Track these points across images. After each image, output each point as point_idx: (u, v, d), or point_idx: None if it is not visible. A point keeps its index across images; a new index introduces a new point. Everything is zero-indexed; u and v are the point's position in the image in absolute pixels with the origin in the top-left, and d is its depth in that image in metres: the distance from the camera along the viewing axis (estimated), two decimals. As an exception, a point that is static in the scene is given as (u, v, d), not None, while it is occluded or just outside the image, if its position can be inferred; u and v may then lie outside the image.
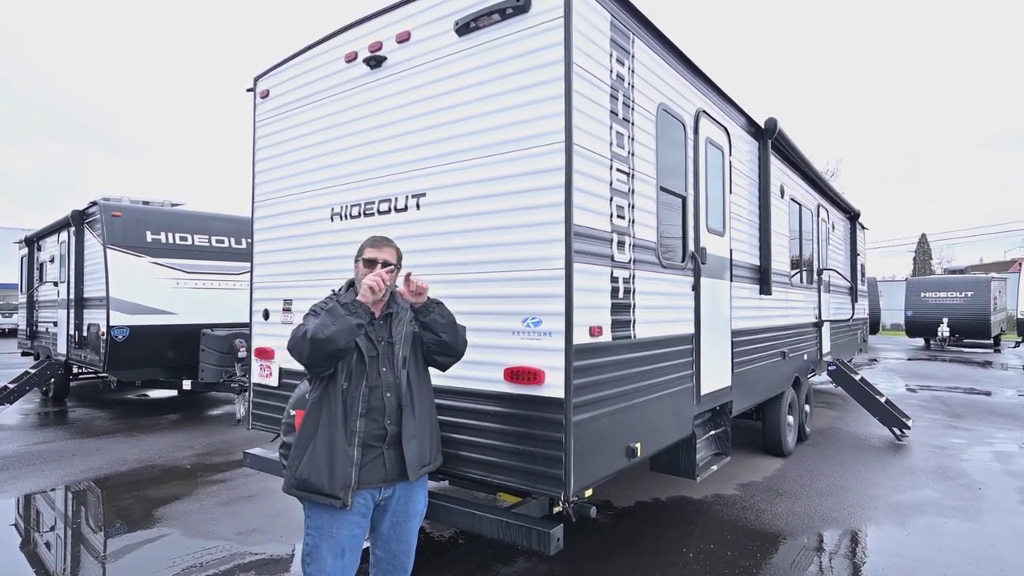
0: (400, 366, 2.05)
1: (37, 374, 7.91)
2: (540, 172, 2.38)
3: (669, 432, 3.14)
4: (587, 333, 2.41)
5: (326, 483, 1.90)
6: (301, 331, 1.89)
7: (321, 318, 1.88)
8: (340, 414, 1.94)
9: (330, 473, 1.90)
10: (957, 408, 7.87)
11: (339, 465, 1.91)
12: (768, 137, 4.62)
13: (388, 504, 2.04)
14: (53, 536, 3.67)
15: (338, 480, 1.90)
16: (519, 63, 2.44)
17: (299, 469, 1.94)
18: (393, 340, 2.08)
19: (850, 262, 8.37)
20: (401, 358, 2.06)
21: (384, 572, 2.12)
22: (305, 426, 1.99)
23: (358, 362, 1.99)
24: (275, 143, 3.55)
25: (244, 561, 3.21)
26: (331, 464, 1.91)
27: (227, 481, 4.66)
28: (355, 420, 1.95)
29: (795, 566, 3.14)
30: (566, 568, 3.09)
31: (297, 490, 1.96)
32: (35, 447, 5.78)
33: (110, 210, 7.04)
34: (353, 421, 1.95)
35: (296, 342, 1.91)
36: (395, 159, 2.87)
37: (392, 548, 2.09)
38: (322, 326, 1.84)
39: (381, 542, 2.09)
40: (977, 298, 16.94)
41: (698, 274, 3.43)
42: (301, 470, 1.94)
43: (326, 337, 1.82)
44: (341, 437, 1.93)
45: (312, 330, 1.85)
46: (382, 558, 2.11)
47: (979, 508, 4.05)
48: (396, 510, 2.05)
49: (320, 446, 1.93)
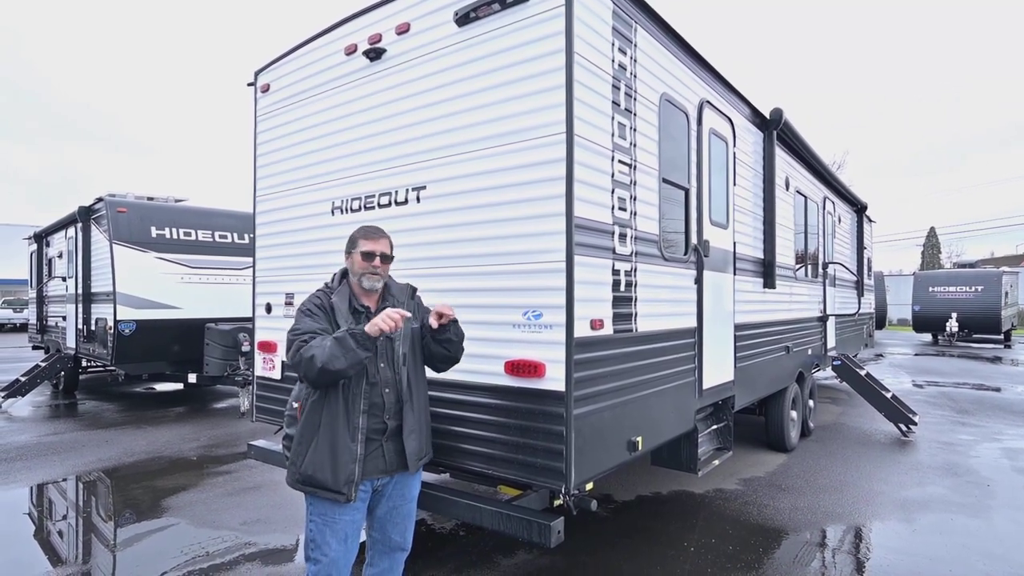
0: (400, 363, 2.07)
1: (47, 367, 8.01)
2: (541, 164, 2.36)
3: (671, 426, 3.13)
4: (588, 326, 2.39)
5: (330, 479, 1.92)
6: (308, 355, 1.83)
7: (331, 348, 1.82)
8: (342, 410, 1.95)
9: (334, 469, 1.92)
10: (965, 404, 7.79)
11: (343, 461, 1.92)
12: (773, 128, 4.56)
13: (385, 490, 2.08)
14: (65, 525, 3.72)
15: (342, 476, 1.92)
16: (519, 53, 2.42)
17: (303, 465, 1.96)
18: (392, 336, 2.07)
19: (856, 256, 8.28)
20: (401, 355, 2.07)
21: (381, 554, 2.15)
22: (307, 422, 1.99)
23: None
24: (276, 137, 3.55)
25: (249, 551, 3.24)
26: (334, 460, 1.92)
27: (232, 472, 4.70)
28: (357, 416, 1.96)
29: (797, 561, 3.13)
30: (566, 561, 3.09)
31: (301, 484, 1.98)
32: (46, 438, 5.86)
33: (115, 206, 7.10)
34: (355, 417, 1.96)
35: (302, 364, 1.86)
36: (395, 152, 2.86)
37: (388, 531, 2.12)
38: (333, 357, 1.82)
39: (378, 525, 2.12)
40: (987, 292, 16.72)
41: (701, 267, 3.40)
42: (305, 466, 1.95)
43: (336, 370, 1.83)
44: (344, 433, 1.94)
45: (322, 360, 1.81)
46: (379, 540, 2.14)
47: (988, 505, 4.01)
48: (393, 495, 2.10)
49: (323, 442, 1.94)
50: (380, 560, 2.16)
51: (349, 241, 2.14)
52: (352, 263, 2.11)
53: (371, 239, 2.10)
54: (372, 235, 2.11)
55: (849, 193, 7.76)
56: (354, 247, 2.10)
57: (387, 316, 1.86)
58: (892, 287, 22.68)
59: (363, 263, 2.07)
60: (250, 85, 3.78)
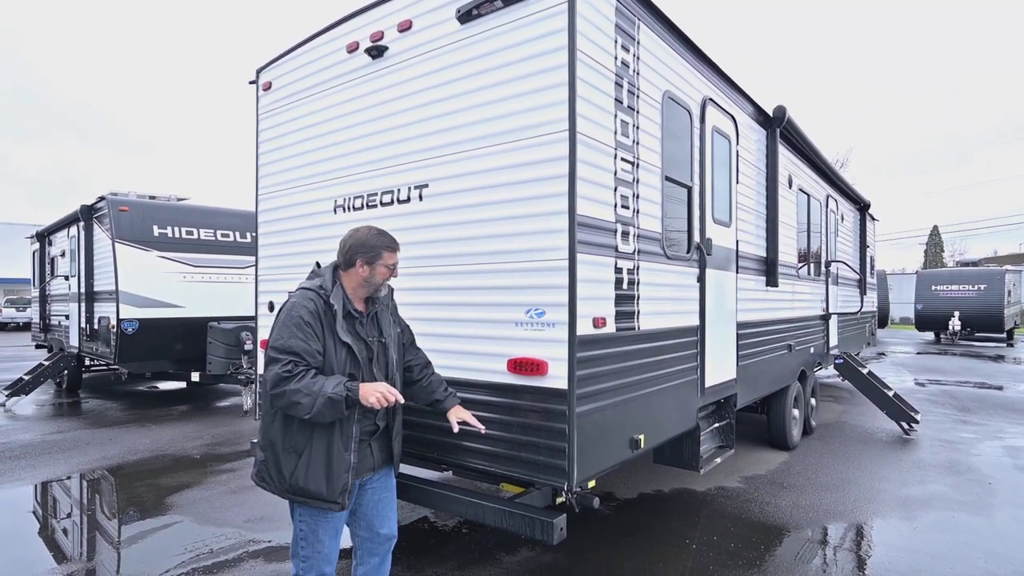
0: (393, 368, 2.10)
1: (51, 366, 8.04)
2: (543, 162, 2.36)
3: (673, 424, 3.13)
4: (591, 324, 2.40)
5: (324, 490, 1.89)
6: (294, 399, 1.79)
7: (322, 406, 1.78)
8: (336, 421, 1.89)
9: (328, 480, 1.89)
10: (967, 402, 7.77)
11: (337, 472, 1.90)
12: (776, 126, 4.55)
13: (368, 484, 2.10)
14: (69, 523, 3.73)
15: (337, 486, 1.90)
16: (522, 51, 2.42)
17: (292, 476, 1.88)
18: (386, 341, 2.09)
19: (859, 254, 8.26)
20: (394, 361, 2.11)
21: (370, 552, 2.16)
22: (294, 433, 1.89)
23: (353, 367, 1.96)
24: (278, 135, 3.55)
25: (253, 548, 3.25)
26: (329, 471, 1.89)
27: (235, 470, 4.72)
28: (351, 425, 1.94)
29: (799, 559, 3.13)
30: (569, 558, 3.10)
31: (291, 495, 1.91)
32: (50, 436, 5.89)
33: (117, 205, 7.10)
34: (349, 426, 1.94)
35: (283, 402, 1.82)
36: (397, 150, 2.86)
37: (376, 526, 2.13)
38: (321, 415, 1.80)
39: (364, 524, 2.13)
40: (990, 291, 16.67)
41: (703, 265, 3.39)
42: (295, 477, 1.88)
43: (322, 421, 1.84)
44: (338, 442, 1.91)
45: (309, 413, 1.79)
46: (367, 538, 2.15)
47: (989, 503, 4.01)
48: (377, 488, 2.13)
49: (316, 454, 1.88)
50: (369, 557, 2.15)
51: (368, 248, 2.01)
52: (373, 273, 2.02)
53: (395, 251, 2.08)
54: (396, 247, 2.09)
55: (852, 191, 7.74)
56: (378, 258, 2.01)
57: (384, 396, 1.85)
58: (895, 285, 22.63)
59: (386, 273, 2.05)
60: (252, 83, 3.79)
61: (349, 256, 2.03)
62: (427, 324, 2.71)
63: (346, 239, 2.07)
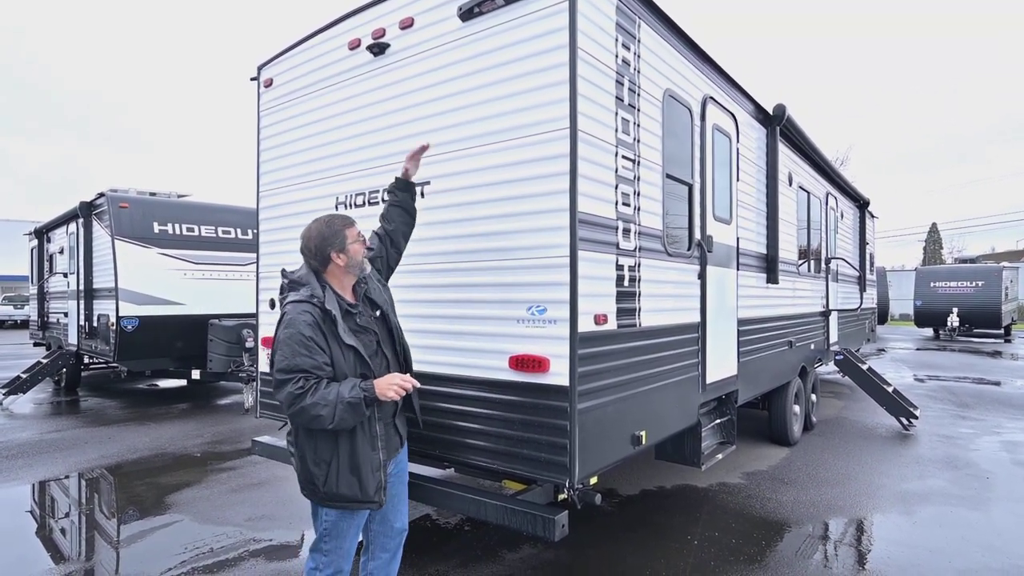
0: (398, 339, 2.11)
1: (49, 364, 8.02)
2: (545, 159, 2.36)
3: (674, 420, 3.14)
4: (592, 321, 2.40)
5: (359, 493, 1.89)
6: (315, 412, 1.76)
7: (343, 412, 1.78)
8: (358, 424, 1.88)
9: (361, 483, 1.88)
10: (966, 398, 7.81)
11: (367, 472, 1.90)
12: (777, 124, 4.55)
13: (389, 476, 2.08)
14: (68, 522, 3.73)
15: (371, 486, 1.91)
16: (523, 48, 2.41)
17: (326, 484, 1.87)
18: (384, 309, 2.09)
19: (859, 251, 8.28)
20: (397, 329, 2.12)
21: (382, 546, 2.15)
22: (319, 443, 1.87)
23: (363, 366, 1.91)
24: (279, 132, 3.54)
25: (254, 547, 3.26)
26: (359, 474, 1.88)
27: (236, 469, 4.72)
28: (375, 424, 1.93)
29: (800, 554, 3.15)
30: (571, 555, 3.11)
31: (332, 503, 1.91)
32: (49, 435, 5.88)
33: (117, 201, 7.08)
34: (373, 426, 1.93)
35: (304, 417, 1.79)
36: (399, 147, 2.85)
37: (391, 520, 2.14)
38: (344, 421, 1.79)
39: (380, 518, 2.13)
40: (988, 287, 16.72)
41: (704, 262, 3.40)
42: (328, 485, 1.87)
43: (346, 427, 1.84)
44: (364, 444, 1.90)
45: (332, 423, 1.78)
46: (380, 532, 2.14)
47: (987, 498, 4.03)
48: (393, 482, 2.11)
49: (343, 460, 1.87)
50: (382, 552, 2.16)
51: (331, 238, 1.96)
52: (350, 255, 1.98)
53: (352, 223, 2.05)
54: (351, 220, 2.06)
55: (852, 189, 7.75)
56: (346, 240, 1.97)
57: (400, 387, 1.84)
58: (894, 282, 22.69)
59: (361, 247, 2.03)
60: (253, 80, 3.77)
61: (321, 255, 1.97)
62: (429, 321, 2.71)
63: (306, 243, 1.99)
